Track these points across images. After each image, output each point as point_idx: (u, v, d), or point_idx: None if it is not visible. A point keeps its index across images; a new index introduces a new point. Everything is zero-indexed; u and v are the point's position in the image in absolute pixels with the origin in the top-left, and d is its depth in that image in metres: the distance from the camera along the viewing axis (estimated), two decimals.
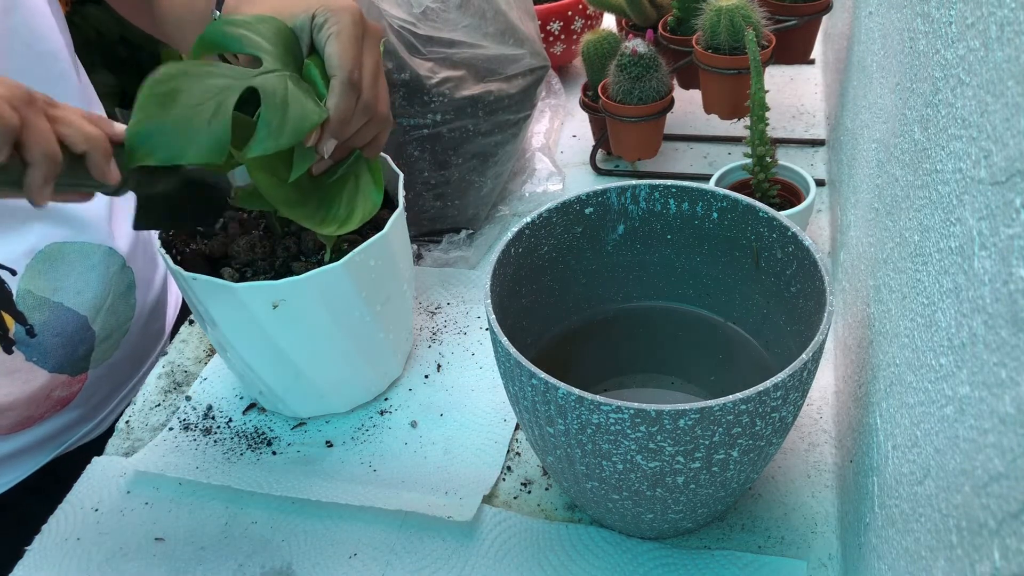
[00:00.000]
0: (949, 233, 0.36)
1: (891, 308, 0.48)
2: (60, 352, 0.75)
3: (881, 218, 0.54)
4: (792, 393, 0.49)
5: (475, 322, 0.78)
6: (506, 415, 0.69)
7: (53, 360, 0.75)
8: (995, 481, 0.28)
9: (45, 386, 0.75)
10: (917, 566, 0.37)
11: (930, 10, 0.43)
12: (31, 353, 0.74)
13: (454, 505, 0.62)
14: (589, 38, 0.88)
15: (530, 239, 0.61)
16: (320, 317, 0.62)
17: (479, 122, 0.79)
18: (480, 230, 0.86)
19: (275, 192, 0.57)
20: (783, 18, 0.85)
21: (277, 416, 0.71)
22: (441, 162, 0.80)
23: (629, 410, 0.46)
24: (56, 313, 0.75)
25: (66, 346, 0.76)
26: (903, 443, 0.42)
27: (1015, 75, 0.29)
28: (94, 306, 0.77)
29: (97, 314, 0.77)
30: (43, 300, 0.74)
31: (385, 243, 0.62)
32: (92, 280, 0.76)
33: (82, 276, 0.76)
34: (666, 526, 0.57)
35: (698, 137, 0.97)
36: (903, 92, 0.50)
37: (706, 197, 0.61)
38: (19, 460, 0.76)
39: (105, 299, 0.79)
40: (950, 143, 0.37)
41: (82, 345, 0.77)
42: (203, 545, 0.62)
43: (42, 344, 0.74)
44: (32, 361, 0.74)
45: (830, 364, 0.69)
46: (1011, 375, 0.27)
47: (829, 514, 0.59)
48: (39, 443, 0.77)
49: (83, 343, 0.77)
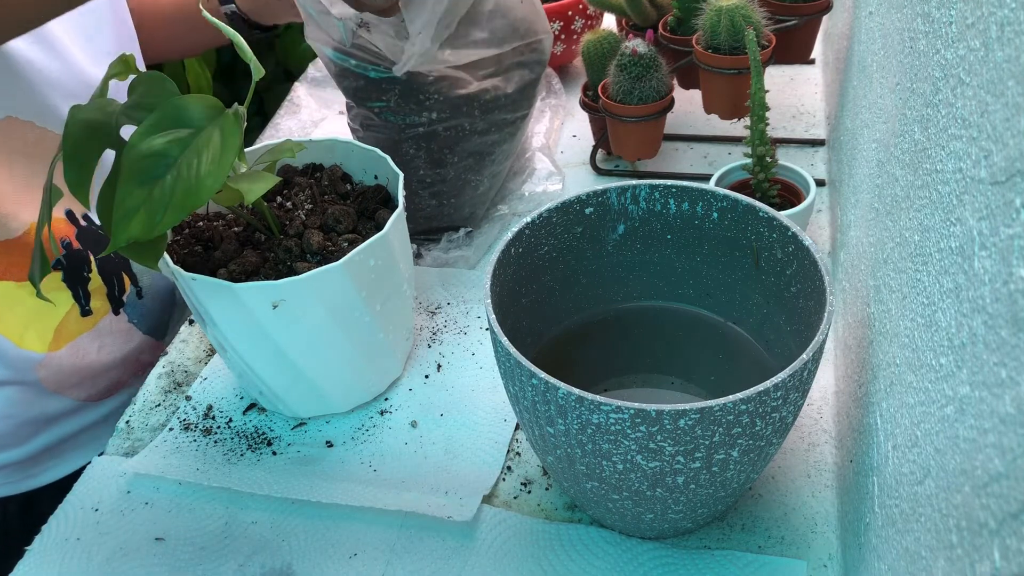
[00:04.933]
0: (949, 233, 0.36)
1: (891, 308, 0.48)
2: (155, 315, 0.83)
3: (881, 218, 0.54)
4: (792, 393, 0.49)
5: (475, 322, 0.78)
6: (506, 415, 0.69)
7: (148, 322, 0.82)
8: (995, 481, 0.28)
9: (137, 347, 0.81)
10: (917, 566, 0.37)
11: (930, 10, 0.43)
12: (132, 314, 0.80)
13: (454, 505, 0.62)
14: (589, 38, 0.88)
15: (530, 239, 0.61)
16: (320, 317, 0.62)
17: (475, 121, 0.79)
18: (480, 230, 0.86)
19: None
20: (783, 18, 0.85)
21: (277, 416, 0.71)
22: (437, 160, 0.80)
23: (629, 410, 0.46)
24: (156, 277, 0.82)
25: (160, 309, 0.83)
26: (903, 443, 0.42)
27: (1015, 75, 0.29)
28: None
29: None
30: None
31: (385, 243, 0.62)
32: None
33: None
34: (666, 526, 0.57)
35: (698, 137, 0.97)
36: (903, 92, 0.50)
37: (706, 197, 0.61)
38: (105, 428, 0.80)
39: None
40: (950, 143, 0.37)
41: (167, 310, 0.84)
42: (203, 545, 0.62)
43: (144, 306, 0.81)
44: (132, 323, 0.80)
45: (830, 364, 0.69)
46: (1011, 375, 0.27)
47: (829, 514, 0.59)
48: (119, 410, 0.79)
49: (168, 308, 0.84)
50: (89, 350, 0.78)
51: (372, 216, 0.68)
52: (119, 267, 0.80)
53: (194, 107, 0.52)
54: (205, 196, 0.51)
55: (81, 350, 0.78)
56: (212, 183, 0.51)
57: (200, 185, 0.50)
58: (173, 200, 0.50)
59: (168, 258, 0.62)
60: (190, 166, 0.50)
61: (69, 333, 0.77)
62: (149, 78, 0.55)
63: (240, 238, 0.66)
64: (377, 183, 0.71)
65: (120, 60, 0.56)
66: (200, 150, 0.51)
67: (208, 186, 0.50)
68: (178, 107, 0.52)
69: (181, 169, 0.50)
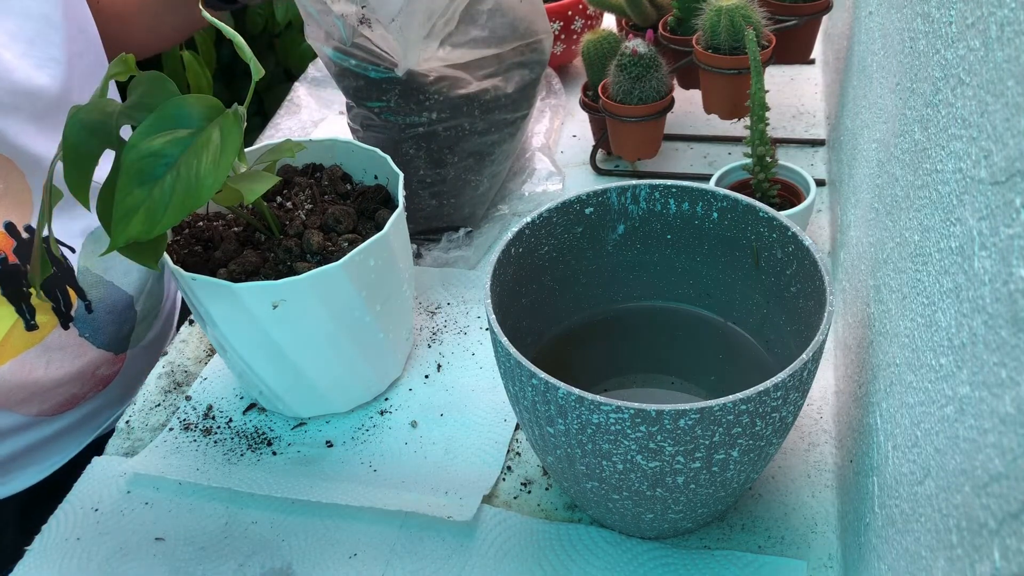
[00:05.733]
0: (949, 233, 0.36)
1: (891, 308, 0.48)
2: (109, 329, 0.79)
3: (881, 218, 0.54)
4: (792, 393, 0.49)
5: (475, 322, 0.78)
6: (506, 415, 0.69)
7: (102, 336, 0.78)
8: (995, 481, 0.28)
9: (92, 362, 0.78)
10: (917, 566, 0.37)
11: (930, 10, 0.43)
12: (84, 329, 0.77)
13: (454, 505, 0.62)
14: (589, 38, 0.88)
15: (530, 239, 0.61)
16: (320, 317, 0.62)
17: (475, 121, 0.79)
18: (480, 230, 0.86)
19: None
20: (783, 18, 0.85)
21: (277, 416, 0.71)
22: (437, 160, 0.80)
23: (629, 410, 0.46)
24: (109, 291, 0.79)
25: (115, 323, 0.80)
26: (903, 443, 0.42)
27: (1015, 75, 0.29)
28: (139, 287, 0.81)
29: (140, 294, 0.81)
30: (98, 278, 0.77)
31: (385, 243, 0.62)
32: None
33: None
34: (666, 526, 0.57)
35: (698, 137, 0.97)
36: (903, 92, 0.50)
37: (706, 197, 0.61)
38: (65, 441, 0.78)
39: (147, 281, 0.83)
40: (950, 143, 0.37)
41: (126, 324, 0.82)
42: (203, 545, 0.62)
43: (95, 320, 0.78)
44: (84, 337, 0.77)
45: (830, 364, 0.69)
46: (1011, 375, 0.27)
47: (829, 514, 0.59)
48: (81, 423, 0.79)
49: (127, 322, 0.81)
50: (36, 365, 0.75)
51: (372, 216, 0.68)
52: (61, 281, 0.76)
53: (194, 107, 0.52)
54: (205, 196, 0.51)
55: (27, 365, 0.74)
56: (212, 183, 0.51)
57: (200, 185, 0.50)
58: (173, 200, 0.50)
59: (168, 258, 0.62)
60: (190, 166, 0.50)
61: (13, 348, 0.74)
62: (149, 78, 0.55)
63: (240, 238, 0.66)
64: (377, 183, 0.71)
65: (120, 60, 0.56)
66: (200, 150, 0.51)
67: (208, 186, 0.50)
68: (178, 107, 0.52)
69: (181, 169, 0.50)
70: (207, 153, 0.51)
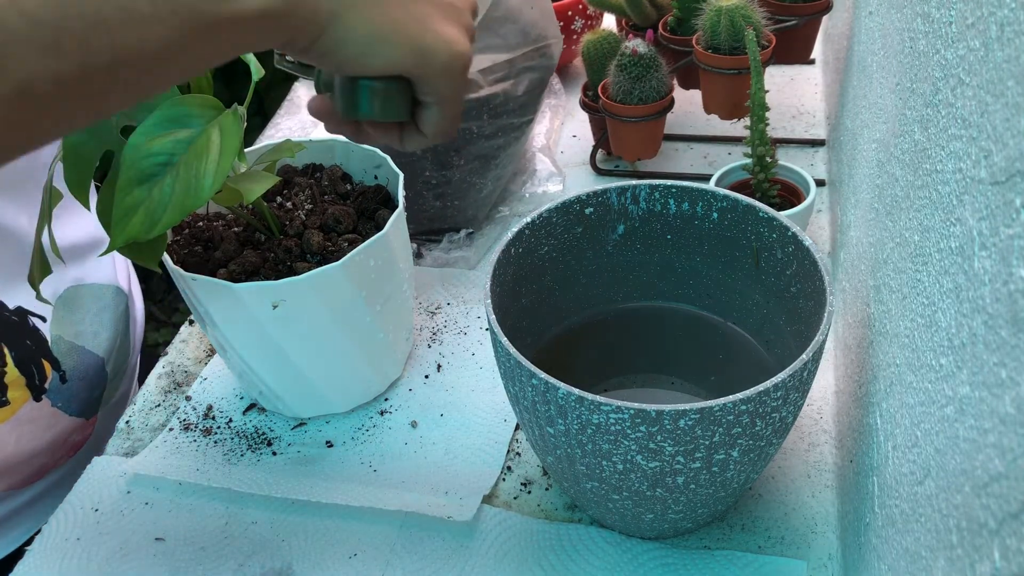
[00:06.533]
0: (949, 233, 0.36)
1: (891, 308, 0.48)
2: (82, 396, 0.75)
3: (881, 218, 0.54)
4: (792, 393, 0.49)
5: (475, 322, 0.78)
6: (506, 415, 0.69)
7: (75, 404, 0.74)
8: (995, 481, 0.28)
9: (64, 431, 0.75)
10: (917, 566, 0.37)
11: (930, 10, 0.43)
12: (57, 399, 0.73)
13: (454, 505, 0.62)
14: (589, 38, 0.88)
15: (530, 239, 0.61)
16: (320, 317, 0.62)
17: (483, 124, 0.79)
18: (480, 230, 0.86)
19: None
20: (783, 18, 0.85)
21: (277, 416, 0.71)
22: (443, 162, 0.80)
23: (629, 410, 0.46)
24: (81, 357, 0.75)
25: (87, 389, 0.75)
26: (903, 443, 0.42)
27: (1015, 75, 0.29)
28: (108, 347, 0.77)
29: (110, 355, 0.77)
30: (71, 344, 0.73)
31: (385, 243, 0.62)
32: (106, 321, 0.76)
33: (97, 317, 0.75)
34: (666, 526, 0.57)
35: (698, 137, 0.97)
36: (903, 92, 0.50)
37: (706, 197, 0.61)
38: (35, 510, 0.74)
39: (116, 339, 0.79)
40: (950, 143, 0.37)
41: (97, 388, 0.77)
42: (203, 545, 0.62)
43: (69, 389, 0.73)
44: (56, 407, 0.73)
45: (830, 364, 0.69)
46: (1011, 375, 0.27)
47: (829, 514, 0.59)
48: (51, 489, 0.75)
49: (98, 386, 0.77)
50: (6, 442, 0.70)
51: (372, 216, 0.68)
52: (37, 355, 0.72)
53: (194, 107, 0.52)
54: (205, 196, 0.50)
55: None
56: (212, 183, 0.51)
57: (200, 185, 0.50)
58: (173, 200, 0.50)
59: (168, 258, 0.62)
60: (190, 166, 0.50)
61: None
62: None
63: (240, 238, 0.66)
64: (377, 183, 0.71)
65: None
66: (200, 150, 0.51)
67: (208, 186, 0.50)
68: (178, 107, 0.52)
69: (181, 169, 0.50)
70: (207, 153, 0.51)
